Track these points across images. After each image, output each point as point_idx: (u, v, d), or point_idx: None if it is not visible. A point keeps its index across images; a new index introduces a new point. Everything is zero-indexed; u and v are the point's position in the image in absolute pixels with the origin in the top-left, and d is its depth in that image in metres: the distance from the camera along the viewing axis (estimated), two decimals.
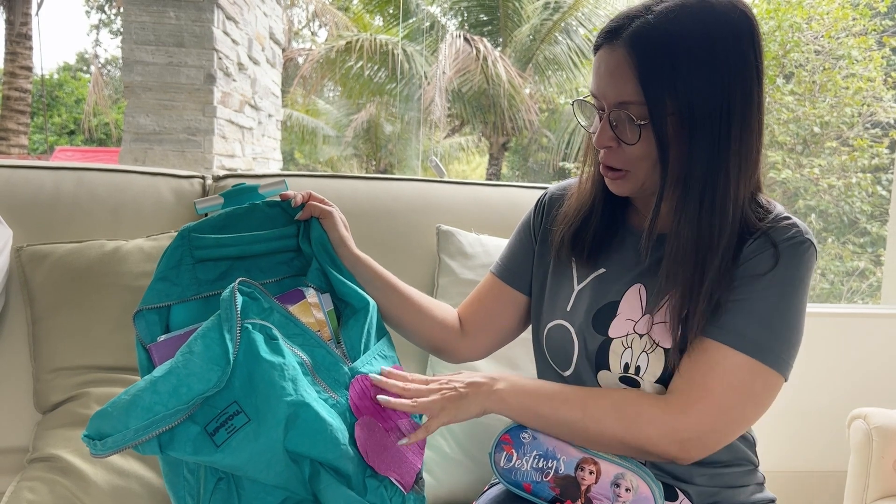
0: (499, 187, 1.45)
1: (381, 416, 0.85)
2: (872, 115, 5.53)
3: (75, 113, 15.09)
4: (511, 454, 0.89)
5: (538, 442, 0.87)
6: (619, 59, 0.77)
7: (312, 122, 12.49)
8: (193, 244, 0.93)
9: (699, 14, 0.76)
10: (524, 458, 0.88)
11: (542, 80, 10.62)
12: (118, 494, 0.98)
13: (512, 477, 0.88)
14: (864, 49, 5.46)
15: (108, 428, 0.73)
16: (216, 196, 0.97)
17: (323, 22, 13.77)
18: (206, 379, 0.76)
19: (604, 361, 0.87)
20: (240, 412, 0.78)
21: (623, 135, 0.80)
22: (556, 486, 0.86)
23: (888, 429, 1.47)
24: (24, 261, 1.13)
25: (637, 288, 0.87)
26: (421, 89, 10.08)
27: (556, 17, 9.82)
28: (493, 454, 0.90)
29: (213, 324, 0.81)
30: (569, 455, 0.85)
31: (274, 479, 0.80)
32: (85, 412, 1.05)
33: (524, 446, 0.88)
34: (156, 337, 0.90)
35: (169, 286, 0.91)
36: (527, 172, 13.08)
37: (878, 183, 5.57)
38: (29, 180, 1.23)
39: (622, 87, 0.78)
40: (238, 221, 0.95)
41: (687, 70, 0.75)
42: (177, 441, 0.76)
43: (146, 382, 0.75)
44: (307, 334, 0.87)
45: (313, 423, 0.79)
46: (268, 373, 0.79)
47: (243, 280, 0.85)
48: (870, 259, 5.77)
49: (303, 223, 0.96)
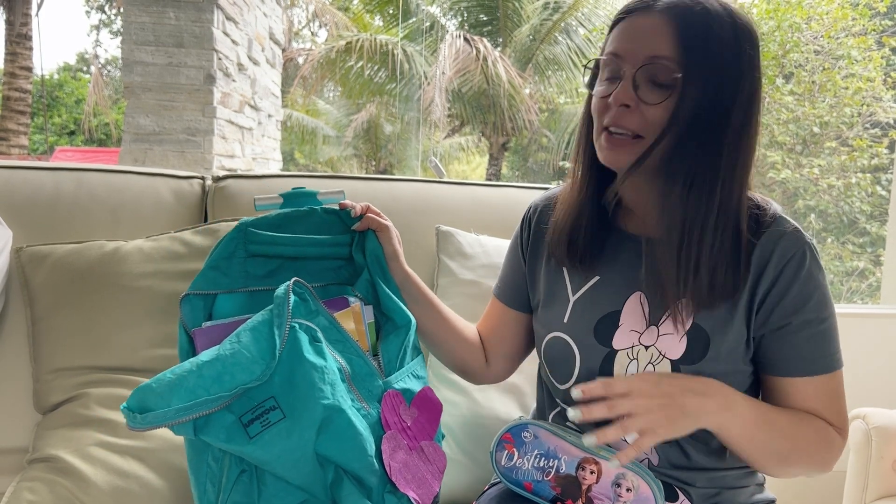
0: (498, 188, 1.45)
1: (408, 435, 0.87)
2: (872, 115, 5.53)
3: (75, 113, 15.09)
4: (512, 453, 0.89)
5: (539, 441, 0.87)
6: (654, 22, 0.78)
7: (312, 123, 12.49)
8: (249, 238, 0.96)
9: (723, 6, 0.80)
10: (525, 457, 0.88)
11: (542, 81, 10.61)
12: (118, 495, 0.98)
13: (513, 476, 0.88)
14: (863, 49, 5.46)
15: (151, 403, 0.74)
16: (276, 196, 1.00)
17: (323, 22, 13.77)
18: (251, 371, 0.78)
19: (608, 373, 0.86)
20: (276, 408, 0.79)
21: (645, 95, 0.79)
22: (556, 486, 0.86)
23: (887, 429, 1.47)
24: (23, 261, 1.14)
25: (637, 297, 0.86)
26: (421, 89, 10.07)
27: (555, 17, 9.82)
28: (494, 453, 0.90)
29: (263, 318, 0.82)
30: (570, 454, 0.85)
31: (299, 479, 0.81)
32: (85, 413, 1.05)
33: (525, 445, 0.88)
34: (199, 322, 0.93)
35: (219, 275, 0.94)
36: (527, 172, 13.08)
37: (878, 183, 5.57)
38: (28, 181, 1.23)
39: (657, 44, 0.78)
40: (294, 223, 0.98)
41: (717, 47, 0.77)
42: (211, 427, 0.77)
43: (192, 365, 0.77)
44: (348, 342, 0.89)
45: (346, 429, 0.80)
46: (309, 373, 0.80)
47: (297, 280, 0.87)
48: (869, 259, 5.77)
49: (358, 234, 0.98)
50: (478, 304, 1.22)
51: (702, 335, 0.82)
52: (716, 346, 0.82)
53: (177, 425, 0.75)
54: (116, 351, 1.10)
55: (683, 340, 0.82)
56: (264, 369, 0.78)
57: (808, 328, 0.82)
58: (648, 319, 0.85)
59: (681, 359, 0.82)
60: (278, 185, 1.33)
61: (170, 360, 1.06)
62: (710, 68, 0.77)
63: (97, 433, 1.03)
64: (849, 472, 1.54)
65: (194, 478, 0.84)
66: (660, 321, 0.83)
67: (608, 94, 0.81)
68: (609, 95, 0.81)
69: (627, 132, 0.80)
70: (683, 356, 0.82)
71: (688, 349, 0.82)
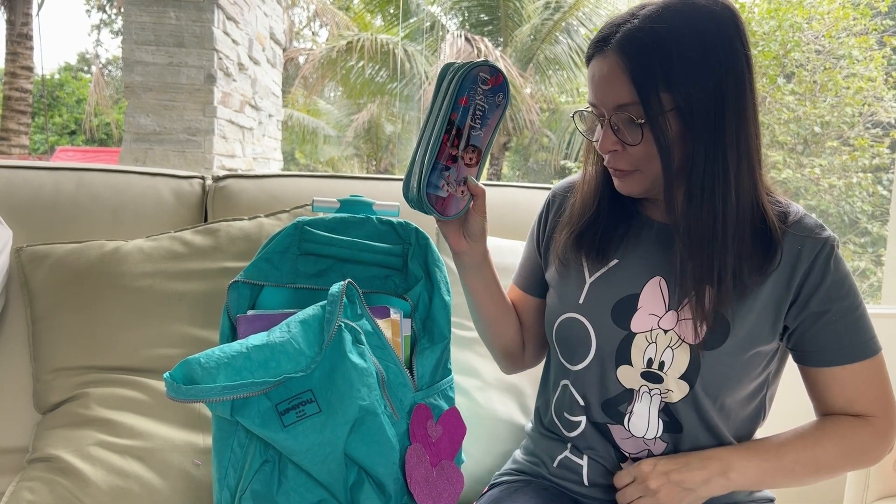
0: (498, 187, 1.44)
1: (431, 450, 0.88)
2: (873, 114, 5.53)
3: (76, 113, 15.10)
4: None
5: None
6: (611, 65, 0.79)
7: (313, 122, 12.49)
8: (304, 237, 0.99)
9: (683, 11, 0.78)
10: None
11: (543, 80, 10.61)
12: (118, 495, 0.98)
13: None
14: (864, 49, 5.46)
15: (198, 377, 0.76)
16: (333, 200, 1.04)
17: (324, 22, 13.77)
18: (297, 361, 0.80)
19: (625, 356, 0.86)
20: (313, 401, 0.81)
21: (625, 137, 0.80)
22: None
23: None
24: (23, 261, 1.14)
25: (657, 280, 0.87)
26: (421, 89, 10.07)
27: (556, 16, 9.81)
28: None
29: (315, 313, 0.85)
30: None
31: (324, 475, 0.82)
32: (85, 412, 1.05)
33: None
34: (244, 310, 0.96)
35: (270, 268, 0.97)
36: (527, 172, 13.08)
37: (879, 183, 5.57)
38: (29, 181, 1.23)
39: (618, 91, 0.79)
40: (349, 227, 1.01)
41: (679, 65, 0.76)
42: (248, 409, 0.79)
43: (242, 346, 0.79)
44: (387, 349, 0.90)
45: (377, 433, 0.82)
46: (349, 372, 0.82)
47: (350, 282, 0.89)
48: (870, 259, 5.76)
49: (412, 245, 1.01)
50: None
51: (722, 322, 0.83)
52: (736, 333, 0.83)
53: (215, 403, 0.77)
54: (116, 351, 1.10)
55: (704, 326, 0.82)
56: (308, 363, 0.80)
57: (848, 315, 0.84)
58: (668, 304, 0.85)
59: (701, 344, 0.83)
60: (279, 186, 1.33)
61: (170, 359, 1.06)
62: (679, 90, 0.76)
63: (97, 433, 1.03)
64: (849, 472, 1.54)
65: (217, 461, 0.85)
66: (680, 306, 0.84)
67: (595, 140, 0.85)
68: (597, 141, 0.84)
69: (626, 170, 0.83)
70: (703, 342, 0.83)
71: (708, 335, 0.83)
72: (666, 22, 0.77)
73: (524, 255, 1.05)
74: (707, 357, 0.83)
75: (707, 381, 0.83)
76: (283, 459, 0.83)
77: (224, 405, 0.78)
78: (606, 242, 0.90)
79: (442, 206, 0.84)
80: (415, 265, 1.00)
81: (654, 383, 0.85)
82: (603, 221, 0.91)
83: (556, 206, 1.00)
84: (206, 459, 1.03)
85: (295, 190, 1.31)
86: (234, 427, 0.83)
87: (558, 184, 1.03)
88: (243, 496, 0.82)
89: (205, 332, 1.12)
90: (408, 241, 1.02)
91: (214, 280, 1.13)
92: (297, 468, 0.83)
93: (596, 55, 0.81)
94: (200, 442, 1.04)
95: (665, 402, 0.85)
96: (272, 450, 0.84)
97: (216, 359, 0.77)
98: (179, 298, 1.12)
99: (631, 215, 0.92)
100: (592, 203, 0.91)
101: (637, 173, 0.83)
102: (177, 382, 0.75)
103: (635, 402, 0.87)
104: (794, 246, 0.83)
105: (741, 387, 0.85)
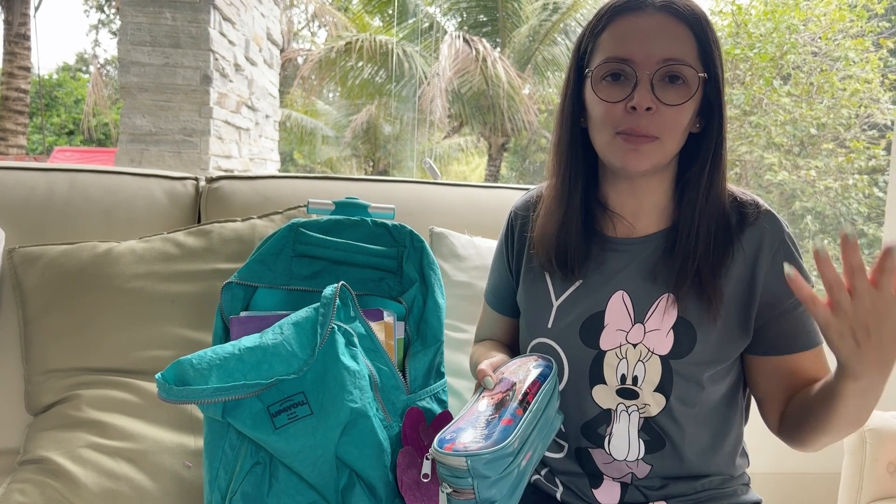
0: (491, 189, 1.45)
1: (423, 454, 0.87)
2: (869, 116, 5.54)
3: (74, 113, 15.08)
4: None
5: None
6: (666, 19, 0.79)
7: (311, 123, 12.48)
8: (299, 238, 0.99)
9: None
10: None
11: (541, 81, 10.62)
12: (108, 497, 0.97)
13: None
14: (860, 51, 5.47)
15: (189, 378, 0.76)
16: (328, 202, 1.05)
17: (322, 22, 13.76)
18: (289, 364, 0.80)
19: (598, 375, 0.86)
20: (304, 403, 0.81)
21: (664, 97, 0.78)
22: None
23: (882, 431, 1.47)
24: (16, 262, 1.13)
25: (620, 295, 0.86)
26: (420, 90, 10.07)
27: (554, 17, 9.82)
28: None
29: (308, 315, 0.85)
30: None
31: (314, 477, 0.82)
32: (76, 414, 1.05)
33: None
34: (237, 311, 0.96)
35: (264, 269, 0.98)
36: (525, 173, 13.08)
37: (875, 185, 5.58)
38: (22, 182, 1.23)
39: (673, 45, 0.78)
40: (343, 230, 1.01)
41: (716, 44, 0.81)
42: (239, 411, 0.79)
43: (234, 348, 0.79)
44: (380, 352, 0.90)
45: (368, 435, 0.82)
46: (341, 375, 0.82)
47: (344, 284, 0.89)
48: (866, 261, 5.76)
49: (407, 248, 1.01)
50: (471, 306, 1.22)
51: (688, 328, 0.82)
52: (703, 337, 0.82)
53: (207, 405, 0.77)
54: (108, 352, 1.09)
55: (671, 335, 0.82)
56: (301, 365, 0.80)
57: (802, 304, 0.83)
58: (633, 317, 0.85)
59: (669, 353, 0.83)
60: (273, 187, 1.33)
61: (162, 361, 1.06)
62: (717, 65, 0.80)
63: (88, 435, 1.02)
64: (843, 475, 1.54)
65: (208, 462, 0.85)
66: (645, 317, 0.84)
67: (622, 99, 0.78)
68: (623, 100, 0.78)
69: (647, 135, 0.78)
70: (672, 351, 0.83)
71: (675, 343, 0.82)
72: (693, 4, 0.81)
73: (496, 278, 1.02)
74: (678, 366, 0.82)
75: (682, 389, 0.83)
76: (275, 461, 0.83)
77: (216, 407, 0.78)
78: (574, 264, 0.88)
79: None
80: (410, 268, 1.00)
81: (631, 399, 0.85)
82: (575, 230, 0.88)
83: (520, 226, 0.97)
84: (197, 461, 1.03)
85: (289, 191, 1.31)
86: (225, 429, 0.83)
87: (517, 202, 1.00)
88: (234, 498, 0.82)
89: (197, 333, 1.11)
90: (403, 244, 1.02)
91: (207, 281, 1.13)
92: (289, 470, 0.83)
93: (637, 11, 0.79)
94: (192, 444, 1.04)
95: (644, 417, 0.84)
96: (263, 452, 0.83)
97: (208, 360, 0.77)
98: (172, 300, 1.12)
99: (591, 234, 0.89)
100: (565, 208, 0.88)
101: (657, 142, 0.79)
102: (168, 383, 0.75)
103: (614, 423, 0.86)
104: (756, 237, 0.83)
105: (717, 389, 0.85)
